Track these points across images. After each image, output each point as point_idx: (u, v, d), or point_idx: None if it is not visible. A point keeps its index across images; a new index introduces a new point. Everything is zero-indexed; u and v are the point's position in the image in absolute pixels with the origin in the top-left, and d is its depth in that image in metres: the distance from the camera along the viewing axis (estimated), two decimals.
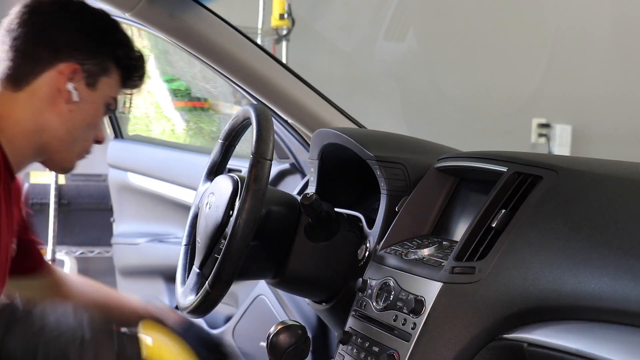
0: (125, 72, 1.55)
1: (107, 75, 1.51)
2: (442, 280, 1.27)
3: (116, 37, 1.54)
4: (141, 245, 2.97)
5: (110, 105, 1.54)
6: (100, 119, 1.54)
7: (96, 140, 1.56)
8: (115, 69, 1.53)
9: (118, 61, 1.53)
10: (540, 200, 1.24)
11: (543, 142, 4.52)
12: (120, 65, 1.53)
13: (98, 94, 1.51)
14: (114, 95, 1.55)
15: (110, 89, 1.53)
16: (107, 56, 1.51)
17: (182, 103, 4.01)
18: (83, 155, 1.57)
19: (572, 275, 1.12)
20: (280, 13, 3.99)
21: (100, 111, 1.53)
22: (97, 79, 1.50)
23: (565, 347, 1.09)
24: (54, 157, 1.53)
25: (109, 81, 1.52)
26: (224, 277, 1.42)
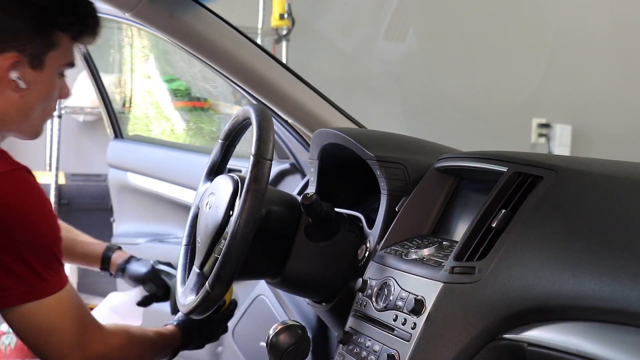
0: (75, 32, 1.52)
1: (54, 49, 1.49)
2: (442, 280, 1.27)
3: (55, 6, 1.48)
4: (141, 246, 2.97)
5: (64, 69, 1.53)
6: (56, 87, 1.53)
7: (61, 99, 1.58)
8: (62, 36, 1.49)
9: (64, 28, 1.49)
10: (541, 200, 1.24)
11: (543, 142, 4.52)
12: (66, 31, 1.50)
13: (47, 71, 1.50)
14: (67, 60, 1.53)
15: (60, 59, 1.51)
16: (49, 31, 1.48)
17: (182, 103, 4.01)
18: (48, 118, 1.59)
19: (572, 275, 1.12)
20: (280, 13, 3.99)
21: (54, 82, 1.52)
22: (43, 58, 1.48)
23: (566, 347, 1.09)
24: (18, 134, 1.55)
25: (57, 54, 1.50)
26: (224, 277, 1.42)
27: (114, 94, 3.83)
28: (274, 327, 1.46)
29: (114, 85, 3.98)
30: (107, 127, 3.24)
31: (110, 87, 3.68)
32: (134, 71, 4.10)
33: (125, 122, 3.71)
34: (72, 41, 1.52)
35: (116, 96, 3.91)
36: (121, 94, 4.00)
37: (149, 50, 4.04)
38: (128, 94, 4.03)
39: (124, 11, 1.83)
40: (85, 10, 1.53)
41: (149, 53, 4.07)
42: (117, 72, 4.10)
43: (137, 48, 4.08)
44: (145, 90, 4.11)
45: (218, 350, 2.53)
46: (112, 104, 3.26)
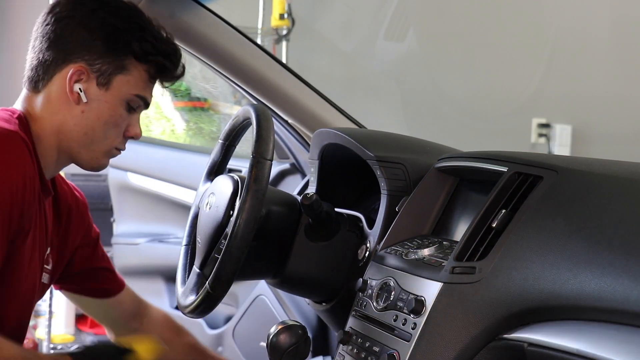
0: (152, 67, 1.52)
1: (123, 73, 1.50)
2: (442, 281, 1.27)
3: (134, 32, 1.50)
4: (141, 245, 2.97)
5: (132, 102, 1.52)
6: (121, 117, 1.52)
7: (128, 136, 1.56)
8: (137, 64, 1.50)
9: (138, 57, 1.50)
10: (541, 200, 1.24)
11: (543, 142, 4.52)
12: (142, 61, 1.51)
13: (112, 93, 1.50)
14: (137, 92, 1.52)
15: (129, 87, 1.51)
16: (121, 53, 1.49)
17: (182, 103, 4.01)
18: (112, 152, 1.56)
19: (572, 275, 1.12)
20: (280, 13, 3.99)
21: (119, 109, 1.51)
22: (111, 78, 1.49)
23: (566, 347, 1.09)
24: (77, 157, 1.53)
25: (126, 79, 1.50)
26: (224, 277, 1.42)
27: None
28: (274, 327, 1.46)
29: None
30: None
31: None
32: None
33: None
34: (146, 73, 1.51)
35: None
36: None
37: None
38: None
39: None
40: (164, 45, 1.53)
41: None
42: None
43: None
44: None
45: (218, 350, 2.53)
46: None
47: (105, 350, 1.47)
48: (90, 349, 1.48)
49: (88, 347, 1.48)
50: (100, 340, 1.54)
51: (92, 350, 1.47)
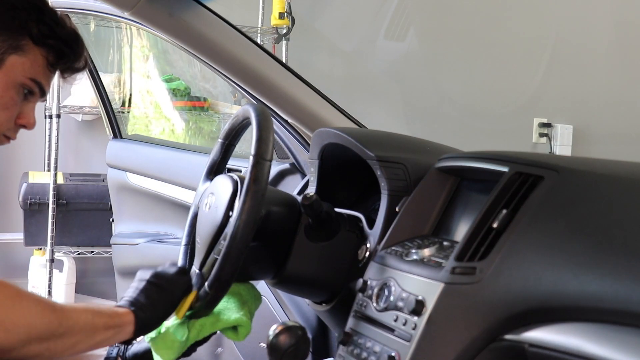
0: (50, 52, 1.44)
1: (18, 54, 1.41)
2: (442, 281, 1.27)
3: (32, 13, 1.42)
4: (140, 246, 2.97)
5: (28, 86, 1.43)
6: (12, 100, 1.43)
7: (20, 124, 1.46)
8: (33, 47, 1.42)
9: (35, 39, 1.42)
10: (542, 201, 1.24)
11: (544, 142, 4.52)
12: (39, 44, 1.42)
13: (4, 72, 1.41)
14: (32, 75, 1.43)
15: (24, 69, 1.42)
16: (17, 33, 1.41)
17: (182, 103, 4.01)
18: (1, 139, 1.46)
19: (573, 275, 1.11)
20: (280, 12, 3.99)
21: (10, 91, 1.42)
22: (4, 57, 1.40)
23: (567, 348, 1.09)
24: None
25: (21, 60, 1.41)
26: (224, 277, 1.42)
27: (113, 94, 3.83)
28: (274, 328, 1.46)
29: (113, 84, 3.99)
30: (106, 127, 3.24)
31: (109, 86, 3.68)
32: (133, 71, 4.10)
33: (124, 122, 3.72)
34: (43, 58, 1.44)
35: (115, 96, 3.92)
36: (120, 93, 4.01)
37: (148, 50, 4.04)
38: (127, 93, 4.03)
39: (123, 10, 1.83)
40: (65, 31, 1.46)
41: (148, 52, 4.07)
42: (116, 71, 4.10)
43: (136, 47, 4.08)
44: (144, 90, 4.11)
45: (218, 350, 2.53)
46: (111, 103, 3.26)
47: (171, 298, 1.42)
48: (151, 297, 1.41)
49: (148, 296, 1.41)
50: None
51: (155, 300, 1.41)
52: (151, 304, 1.40)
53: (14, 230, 4.27)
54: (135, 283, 1.44)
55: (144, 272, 1.46)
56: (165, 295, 1.43)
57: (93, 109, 4.18)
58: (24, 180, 4.06)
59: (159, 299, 1.41)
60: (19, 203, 4.06)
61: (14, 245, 4.24)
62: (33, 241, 4.04)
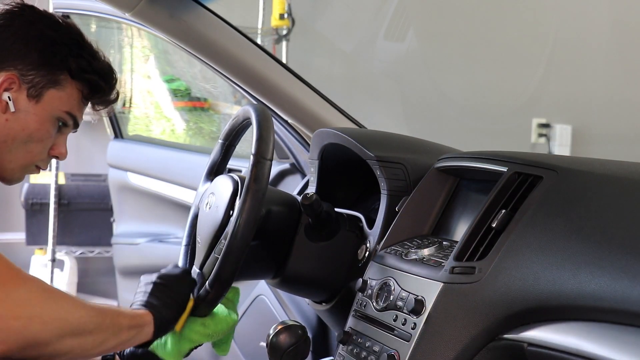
0: (86, 86, 1.48)
1: (56, 88, 1.45)
2: (442, 281, 1.27)
3: (72, 49, 1.46)
4: (141, 245, 2.97)
5: (63, 119, 1.47)
6: (48, 133, 1.46)
7: (52, 155, 1.50)
8: (71, 81, 1.46)
9: (73, 74, 1.46)
10: (541, 200, 1.24)
11: (543, 142, 4.52)
12: (77, 78, 1.47)
13: (42, 107, 1.44)
14: (68, 109, 1.47)
15: (61, 102, 1.46)
16: (56, 68, 1.44)
17: (182, 103, 4.01)
18: (31, 169, 1.50)
19: (572, 275, 1.12)
20: (280, 13, 3.98)
21: (46, 124, 1.46)
22: (43, 91, 1.44)
23: (566, 347, 1.09)
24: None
25: (59, 94, 1.45)
26: (224, 277, 1.42)
27: None
28: (274, 327, 1.46)
29: None
30: (107, 127, 3.24)
31: None
32: (134, 71, 4.10)
33: (125, 122, 3.72)
34: (79, 92, 1.48)
35: None
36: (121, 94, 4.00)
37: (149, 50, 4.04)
38: (128, 94, 4.03)
39: (123, 11, 1.83)
40: (101, 65, 1.50)
41: (149, 53, 4.07)
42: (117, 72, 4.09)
43: (137, 48, 4.09)
44: (145, 91, 4.11)
45: None
46: None
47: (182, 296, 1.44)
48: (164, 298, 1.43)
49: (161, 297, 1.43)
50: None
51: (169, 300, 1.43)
52: (164, 304, 1.42)
53: (16, 230, 4.27)
54: (142, 287, 1.46)
55: (149, 276, 1.47)
56: (175, 295, 1.44)
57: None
58: (25, 180, 4.06)
59: (169, 299, 1.43)
60: (20, 203, 4.07)
61: (16, 244, 4.24)
62: (34, 241, 4.05)
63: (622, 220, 1.16)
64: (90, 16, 2.75)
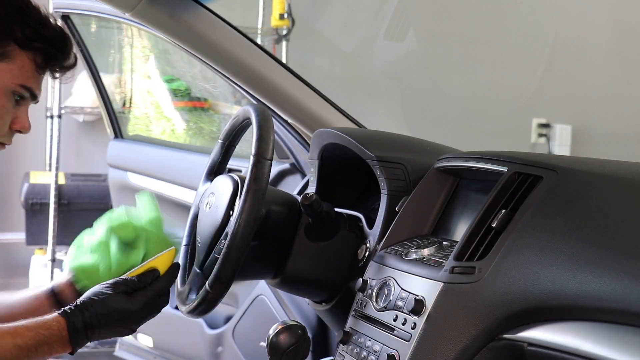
0: (38, 55, 1.41)
1: (5, 61, 1.38)
2: (442, 280, 1.27)
3: (15, 17, 1.39)
4: None
5: (18, 92, 1.41)
6: (4, 108, 1.40)
7: (15, 129, 1.44)
8: (20, 52, 1.39)
9: (21, 44, 1.39)
10: (541, 200, 1.24)
11: (543, 142, 4.52)
12: (26, 48, 1.40)
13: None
14: (22, 82, 1.41)
15: (12, 75, 1.39)
16: (2, 40, 1.38)
17: (182, 103, 4.01)
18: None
19: (572, 275, 1.12)
20: (280, 13, 3.98)
21: (1, 99, 1.40)
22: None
23: (566, 347, 1.09)
24: None
25: (9, 67, 1.39)
26: (224, 277, 1.42)
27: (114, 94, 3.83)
28: (274, 327, 1.46)
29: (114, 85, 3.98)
30: (107, 127, 3.24)
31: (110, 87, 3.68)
32: (134, 71, 4.10)
33: (125, 122, 3.71)
34: (31, 62, 1.41)
35: (116, 96, 3.92)
36: (121, 94, 4.00)
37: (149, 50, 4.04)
38: (128, 94, 4.03)
39: (123, 11, 1.83)
40: (51, 31, 1.42)
41: (149, 53, 4.07)
42: (117, 72, 4.10)
43: (137, 48, 4.08)
44: (145, 90, 4.11)
45: (218, 350, 2.53)
46: (112, 104, 3.26)
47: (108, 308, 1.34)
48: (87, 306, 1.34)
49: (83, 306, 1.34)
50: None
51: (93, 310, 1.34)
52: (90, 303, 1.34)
53: (16, 230, 4.27)
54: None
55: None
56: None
57: (94, 110, 4.18)
58: (25, 181, 4.06)
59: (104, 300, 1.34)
60: (20, 203, 4.07)
61: (16, 244, 4.24)
62: (34, 241, 4.05)
63: (622, 220, 1.16)
64: (90, 16, 2.75)
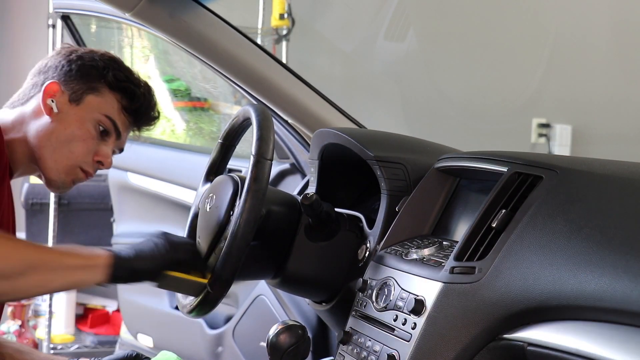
0: (122, 96, 1.66)
1: (94, 94, 1.64)
2: (442, 280, 1.27)
3: (109, 65, 1.67)
4: None
5: (102, 122, 1.64)
6: (89, 134, 1.63)
7: (97, 161, 1.66)
8: (109, 91, 1.65)
9: (110, 84, 1.65)
10: (541, 200, 1.24)
11: (543, 142, 4.52)
12: (114, 89, 1.65)
13: (82, 108, 1.63)
14: (107, 113, 1.65)
15: (99, 106, 1.64)
16: (95, 78, 1.65)
17: (182, 103, 4.01)
18: (76, 172, 1.64)
19: (572, 275, 1.12)
20: (280, 13, 3.98)
21: (86, 124, 1.63)
22: (83, 96, 1.63)
23: (566, 347, 1.09)
24: (41, 164, 1.62)
25: (97, 99, 1.64)
26: (224, 277, 1.42)
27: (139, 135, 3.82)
28: (274, 327, 1.46)
29: None
30: None
31: None
32: None
33: None
34: (117, 102, 1.66)
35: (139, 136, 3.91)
36: None
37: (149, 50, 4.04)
38: None
39: (123, 11, 1.83)
40: (136, 79, 1.70)
41: (149, 53, 4.07)
42: None
43: (137, 48, 4.09)
44: None
45: (218, 350, 2.53)
46: None
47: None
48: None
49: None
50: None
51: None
52: (137, 256, 1.40)
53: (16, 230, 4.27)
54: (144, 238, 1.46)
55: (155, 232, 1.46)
56: (159, 252, 1.41)
57: None
58: (25, 180, 4.06)
59: (147, 253, 1.40)
60: (20, 203, 4.07)
61: None
62: (35, 241, 4.04)
63: (622, 220, 1.16)
64: (90, 16, 2.75)
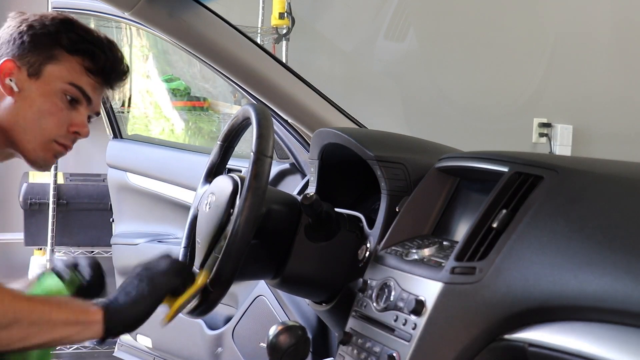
0: (83, 58, 1.53)
1: (53, 63, 1.51)
2: (442, 281, 1.27)
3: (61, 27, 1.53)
4: (140, 246, 2.96)
5: (68, 91, 1.52)
6: (56, 106, 1.52)
7: (72, 132, 1.54)
8: (67, 56, 1.52)
9: (67, 48, 1.52)
10: (541, 201, 1.24)
11: (544, 142, 4.52)
12: (72, 52, 1.52)
13: (44, 81, 1.51)
14: (71, 80, 1.52)
15: (61, 75, 1.51)
16: (49, 46, 1.51)
17: (182, 103, 4.01)
18: (53, 146, 1.54)
19: (573, 275, 1.11)
20: (280, 12, 3.98)
21: (52, 97, 1.52)
22: (41, 68, 1.51)
23: (567, 348, 1.09)
24: (19, 147, 1.53)
25: (57, 68, 1.51)
26: (224, 277, 1.42)
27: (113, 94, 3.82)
28: (274, 328, 1.46)
29: None
30: (106, 127, 3.24)
31: None
32: (132, 71, 4.10)
33: (124, 122, 3.71)
34: (79, 65, 1.53)
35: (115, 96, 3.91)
36: (120, 93, 4.00)
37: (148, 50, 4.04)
38: (127, 93, 4.03)
39: (123, 10, 1.83)
40: (96, 37, 1.55)
41: (148, 52, 4.07)
42: None
43: (136, 47, 4.08)
44: (144, 90, 4.11)
45: (218, 350, 2.53)
46: (111, 103, 3.26)
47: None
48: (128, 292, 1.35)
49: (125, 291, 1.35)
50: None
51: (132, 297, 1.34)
52: (131, 301, 1.33)
53: (14, 230, 4.27)
54: (126, 278, 1.38)
55: (137, 266, 1.40)
56: (150, 290, 1.35)
57: None
58: (24, 180, 4.06)
59: (140, 296, 1.34)
60: (19, 203, 4.06)
61: (14, 245, 4.23)
62: (33, 241, 4.04)
63: (623, 220, 1.16)
64: (90, 15, 2.74)
